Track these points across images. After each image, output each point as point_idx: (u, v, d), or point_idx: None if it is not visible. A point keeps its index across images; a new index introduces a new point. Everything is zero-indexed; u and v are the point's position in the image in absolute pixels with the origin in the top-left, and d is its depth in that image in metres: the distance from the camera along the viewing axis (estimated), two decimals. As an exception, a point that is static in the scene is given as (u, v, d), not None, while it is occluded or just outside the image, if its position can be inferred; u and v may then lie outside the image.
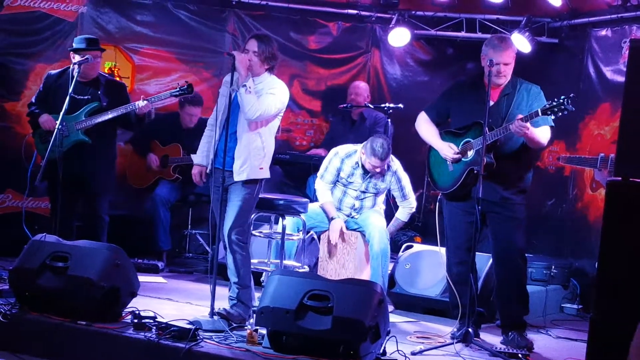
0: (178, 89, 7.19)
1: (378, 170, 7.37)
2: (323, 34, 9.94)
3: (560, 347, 6.47)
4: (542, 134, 6.08)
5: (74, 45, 7.21)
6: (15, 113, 8.41)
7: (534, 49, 8.88)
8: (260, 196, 6.28)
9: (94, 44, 7.27)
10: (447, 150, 6.28)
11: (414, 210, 7.73)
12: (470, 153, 6.17)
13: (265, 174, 6.18)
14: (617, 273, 4.70)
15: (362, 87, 9.47)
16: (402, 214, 7.67)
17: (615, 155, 5.00)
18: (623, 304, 4.60)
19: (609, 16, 8.42)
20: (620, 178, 4.84)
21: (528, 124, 5.88)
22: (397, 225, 7.71)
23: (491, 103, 6.16)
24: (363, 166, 7.43)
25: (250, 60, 6.06)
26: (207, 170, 6.22)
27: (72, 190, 6.99)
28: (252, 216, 6.43)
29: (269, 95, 6.04)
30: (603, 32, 8.56)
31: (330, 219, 7.45)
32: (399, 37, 9.67)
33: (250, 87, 5.96)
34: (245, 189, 6.10)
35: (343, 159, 7.52)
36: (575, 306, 7.88)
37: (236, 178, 6.06)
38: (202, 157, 6.30)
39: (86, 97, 7.17)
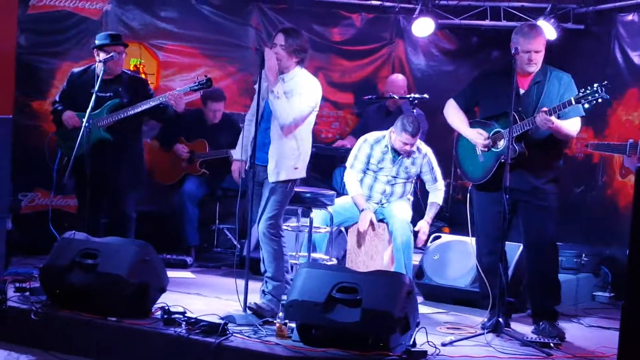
0: (197, 83, 7.17)
1: (408, 147, 7.35)
2: (346, 26, 9.91)
3: (592, 336, 6.40)
4: (570, 125, 5.98)
5: (97, 42, 7.20)
6: (43, 112, 8.43)
7: (559, 35, 8.81)
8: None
9: (116, 39, 7.27)
10: (476, 136, 6.19)
11: (444, 191, 7.74)
12: (501, 143, 6.05)
13: (300, 173, 6.13)
14: (648, 260, 4.66)
15: (399, 82, 9.36)
16: (437, 197, 7.67)
17: (644, 141, 4.96)
18: (655, 290, 4.56)
19: (636, 0, 8.34)
20: (649, 164, 4.81)
21: (552, 118, 5.77)
22: (436, 209, 7.71)
23: (522, 91, 6.09)
24: (393, 149, 7.41)
25: (277, 54, 6.01)
26: (246, 166, 6.16)
27: (97, 187, 7.00)
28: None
29: (297, 97, 5.97)
30: (630, 17, 8.48)
31: (360, 211, 7.44)
32: (423, 27, 9.62)
33: (278, 93, 5.92)
34: (280, 186, 6.08)
35: (372, 145, 7.51)
36: (607, 294, 7.82)
37: (271, 179, 6.04)
38: (240, 152, 6.24)
39: (108, 95, 7.14)
